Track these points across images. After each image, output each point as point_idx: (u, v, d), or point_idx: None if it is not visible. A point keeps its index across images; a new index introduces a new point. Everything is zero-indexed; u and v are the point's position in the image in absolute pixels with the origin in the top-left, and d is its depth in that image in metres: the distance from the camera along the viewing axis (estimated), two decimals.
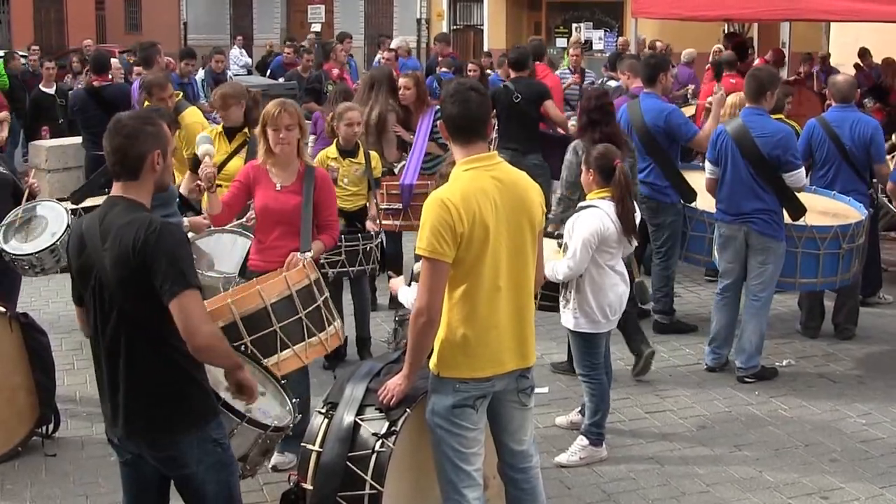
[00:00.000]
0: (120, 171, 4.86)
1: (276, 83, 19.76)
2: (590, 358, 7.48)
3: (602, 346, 7.53)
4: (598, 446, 7.57)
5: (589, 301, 7.29)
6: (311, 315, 6.69)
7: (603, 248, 7.24)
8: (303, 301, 6.65)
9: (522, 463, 5.61)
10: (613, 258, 7.34)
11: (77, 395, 8.82)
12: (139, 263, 4.63)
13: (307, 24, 34.68)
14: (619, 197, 7.24)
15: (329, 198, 7.50)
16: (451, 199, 5.11)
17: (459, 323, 5.23)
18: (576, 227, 7.24)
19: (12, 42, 40.71)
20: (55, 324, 10.35)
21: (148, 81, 10.53)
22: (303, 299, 6.66)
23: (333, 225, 7.52)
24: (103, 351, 4.88)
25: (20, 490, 7.19)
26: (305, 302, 6.66)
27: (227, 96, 9.14)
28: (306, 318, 6.63)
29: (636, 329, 8.87)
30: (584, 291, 7.30)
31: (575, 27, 31.33)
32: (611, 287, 7.33)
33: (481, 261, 5.17)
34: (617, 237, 7.25)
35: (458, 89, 5.39)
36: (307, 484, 5.43)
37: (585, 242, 7.16)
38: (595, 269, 7.27)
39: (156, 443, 4.90)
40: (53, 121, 17.55)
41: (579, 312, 7.33)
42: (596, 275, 7.28)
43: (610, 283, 7.32)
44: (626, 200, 7.25)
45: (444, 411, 5.26)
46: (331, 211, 7.50)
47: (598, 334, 7.41)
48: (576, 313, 7.35)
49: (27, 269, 8.52)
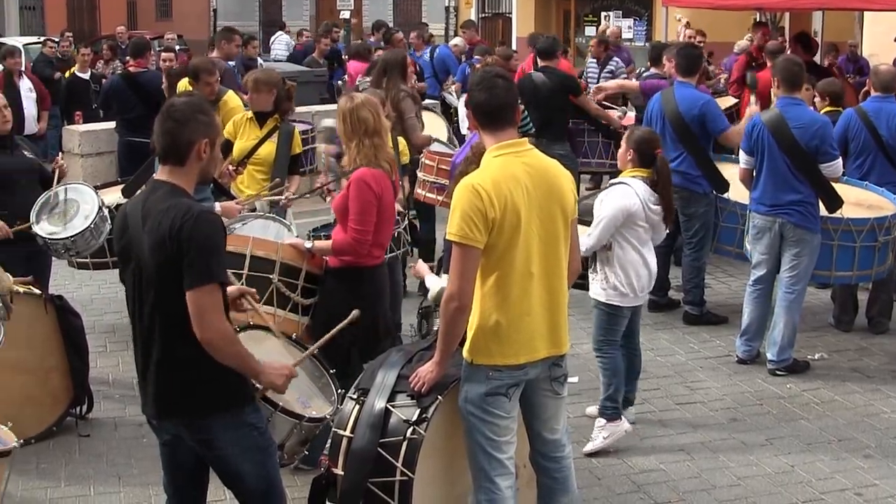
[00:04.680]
0: (167, 155, 4.90)
1: (307, 70, 19.76)
2: (607, 334, 7.54)
3: (622, 325, 7.56)
4: (616, 420, 7.58)
5: (617, 273, 7.37)
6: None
7: (631, 225, 7.33)
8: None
9: (555, 452, 5.61)
10: (642, 237, 7.39)
11: (110, 378, 8.88)
12: (174, 249, 4.67)
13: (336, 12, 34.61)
14: (661, 185, 7.38)
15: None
16: (482, 185, 5.12)
17: (492, 310, 5.23)
18: (604, 202, 7.35)
19: (46, 28, 40.91)
20: (88, 306, 10.40)
21: (195, 65, 10.54)
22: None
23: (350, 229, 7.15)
24: (140, 333, 4.93)
25: (55, 469, 7.27)
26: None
27: (258, 82, 9.13)
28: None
29: None
30: (612, 264, 7.39)
31: (604, 16, 31.13)
32: (639, 263, 7.40)
33: (513, 247, 5.17)
34: (644, 215, 7.33)
35: (484, 77, 5.42)
36: (338, 470, 5.43)
37: (610, 217, 7.26)
38: (624, 244, 7.36)
39: (191, 425, 4.95)
40: (87, 106, 17.63)
41: (607, 284, 7.41)
42: (624, 250, 7.37)
43: (638, 260, 7.39)
44: (667, 188, 7.38)
45: (477, 399, 5.26)
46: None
47: (622, 308, 7.46)
48: (604, 284, 7.43)
49: (61, 252, 8.55)
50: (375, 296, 6.99)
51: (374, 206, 6.85)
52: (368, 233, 6.84)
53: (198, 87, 10.06)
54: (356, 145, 6.92)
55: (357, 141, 6.91)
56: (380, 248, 7.07)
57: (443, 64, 18.87)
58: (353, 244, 6.85)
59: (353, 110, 6.91)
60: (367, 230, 6.83)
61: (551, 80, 12.37)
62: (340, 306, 6.72)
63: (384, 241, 7.16)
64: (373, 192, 6.83)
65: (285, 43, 28.04)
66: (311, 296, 7.15)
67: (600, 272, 7.44)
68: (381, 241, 7.05)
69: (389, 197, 7.04)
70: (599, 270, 7.45)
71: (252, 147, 9.02)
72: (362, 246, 6.86)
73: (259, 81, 9.16)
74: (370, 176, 6.84)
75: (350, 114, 6.91)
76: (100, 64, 21.70)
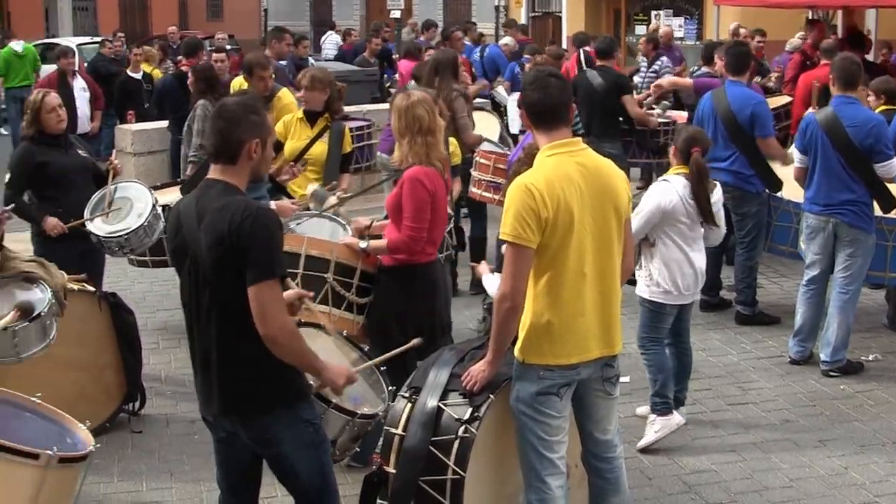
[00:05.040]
0: (218, 154, 4.94)
1: (358, 69, 19.82)
2: (651, 331, 7.57)
3: (665, 323, 7.57)
4: (667, 415, 7.57)
5: (661, 271, 7.39)
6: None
7: (671, 222, 7.36)
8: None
9: (606, 452, 5.60)
10: (685, 233, 7.41)
11: (162, 374, 8.96)
12: (233, 246, 4.70)
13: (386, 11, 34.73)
14: (694, 181, 7.38)
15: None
16: (535, 185, 5.11)
17: (544, 309, 5.22)
18: (645, 198, 7.41)
19: (98, 28, 41.30)
20: (141, 303, 10.48)
21: (249, 61, 10.60)
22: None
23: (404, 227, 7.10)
24: (196, 330, 4.97)
25: (108, 465, 7.32)
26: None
27: (314, 79, 9.15)
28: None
29: None
30: (655, 261, 7.41)
31: (654, 15, 30.98)
32: (683, 261, 7.40)
33: (566, 247, 5.16)
34: (685, 212, 7.36)
35: (537, 76, 5.42)
36: (390, 468, 5.44)
37: (645, 214, 7.31)
38: (667, 241, 7.40)
39: (247, 422, 4.97)
40: (139, 105, 17.78)
41: (650, 281, 7.43)
42: (668, 247, 7.40)
43: (682, 258, 7.40)
44: (700, 185, 7.38)
45: (529, 398, 5.26)
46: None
47: (665, 305, 7.47)
48: (647, 281, 7.45)
49: (115, 250, 8.63)
50: (429, 293, 7.00)
51: (427, 203, 6.85)
52: (423, 230, 6.85)
53: (252, 83, 10.11)
54: (409, 142, 6.92)
55: (410, 138, 6.91)
56: (433, 245, 7.07)
57: (493, 63, 18.89)
58: (408, 242, 6.85)
59: (409, 108, 6.91)
60: (421, 227, 6.83)
61: (606, 80, 12.33)
62: (395, 304, 6.74)
63: (437, 239, 7.16)
64: (426, 190, 6.84)
65: (335, 42, 28.12)
66: (365, 294, 7.16)
67: (644, 269, 7.47)
68: (434, 238, 7.06)
69: (442, 195, 7.05)
70: (644, 267, 7.47)
71: (303, 147, 9.04)
72: (416, 244, 6.87)
73: (315, 79, 9.18)
74: (423, 174, 6.85)
75: (405, 111, 6.92)
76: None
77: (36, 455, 4.60)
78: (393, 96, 7.67)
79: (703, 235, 7.52)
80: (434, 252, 7.12)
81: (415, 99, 6.99)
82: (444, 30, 20.03)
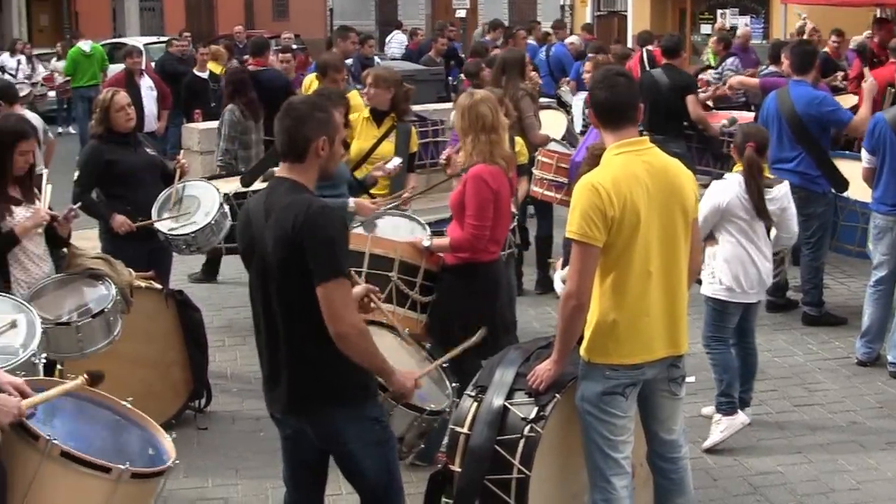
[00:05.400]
0: (286, 153, 4.98)
1: (424, 69, 19.84)
2: (715, 330, 7.56)
3: (730, 322, 7.55)
4: (732, 414, 7.53)
5: (723, 268, 7.38)
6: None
7: (730, 219, 7.38)
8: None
9: (671, 452, 5.59)
10: (746, 231, 7.39)
11: (228, 372, 9.04)
12: (297, 244, 4.73)
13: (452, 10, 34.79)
14: (746, 174, 7.40)
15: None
16: (602, 184, 5.11)
17: (610, 309, 5.22)
18: (704, 197, 7.37)
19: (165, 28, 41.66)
20: (206, 301, 10.52)
21: (324, 61, 10.65)
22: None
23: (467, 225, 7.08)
24: (264, 328, 5.01)
25: None
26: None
27: (378, 78, 9.15)
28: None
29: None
30: (718, 259, 7.41)
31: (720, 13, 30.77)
32: (746, 259, 7.39)
33: (632, 246, 5.15)
34: (743, 208, 7.35)
35: (605, 75, 5.42)
36: (455, 466, 5.45)
37: (703, 215, 7.24)
38: (729, 239, 7.40)
39: (314, 419, 5.00)
40: (206, 104, 17.90)
41: (713, 279, 7.43)
42: (730, 244, 7.39)
43: (744, 255, 7.39)
44: (752, 178, 7.36)
45: (594, 398, 5.25)
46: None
47: (729, 303, 7.46)
48: (711, 279, 7.45)
49: (182, 248, 8.70)
50: (492, 292, 7.01)
51: (490, 202, 6.87)
52: (486, 228, 6.86)
53: (325, 84, 10.16)
54: (472, 141, 6.94)
55: (473, 136, 6.93)
56: (496, 244, 7.08)
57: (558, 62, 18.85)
58: (471, 240, 6.87)
59: (473, 106, 6.93)
60: (484, 226, 6.85)
61: (672, 79, 12.28)
62: (457, 303, 6.75)
63: (500, 238, 7.17)
64: (490, 188, 6.85)
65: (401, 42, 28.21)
66: (429, 293, 7.18)
67: (708, 267, 7.46)
68: (497, 237, 7.07)
69: (506, 193, 7.05)
70: (708, 265, 7.45)
71: (370, 147, 9.05)
72: (479, 242, 6.88)
73: (379, 77, 9.17)
74: (487, 172, 6.86)
75: (469, 110, 6.94)
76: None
77: (108, 469, 4.64)
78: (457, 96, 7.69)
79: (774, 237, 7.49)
80: (497, 251, 7.12)
81: (478, 97, 7.01)
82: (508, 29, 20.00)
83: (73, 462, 4.58)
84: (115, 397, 5.33)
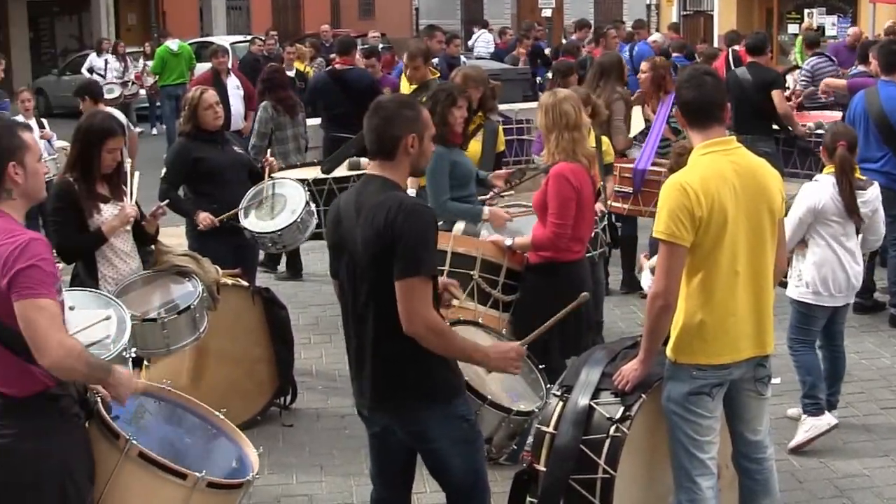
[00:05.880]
0: (376, 151, 5.02)
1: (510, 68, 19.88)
2: (800, 333, 7.52)
3: (815, 325, 7.50)
4: (817, 415, 7.46)
5: (811, 271, 7.32)
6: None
7: (823, 222, 7.31)
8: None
9: (757, 453, 5.54)
10: (837, 234, 7.33)
11: (313, 369, 9.10)
12: (389, 241, 4.76)
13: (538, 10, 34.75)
14: (839, 173, 7.34)
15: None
16: (689, 184, 5.10)
17: (697, 309, 5.20)
18: (797, 200, 7.34)
19: (251, 27, 42.01)
20: (292, 299, 10.60)
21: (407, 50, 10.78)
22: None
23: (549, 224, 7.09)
24: (353, 325, 5.04)
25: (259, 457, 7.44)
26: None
27: (468, 77, 9.17)
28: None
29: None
30: (806, 262, 7.35)
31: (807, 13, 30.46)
32: (835, 262, 7.32)
33: (719, 246, 5.13)
34: (836, 211, 7.29)
35: (693, 74, 5.41)
36: (540, 466, 5.45)
37: (798, 217, 7.25)
38: (819, 241, 7.35)
39: (402, 416, 5.03)
40: None
41: (800, 282, 7.38)
42: (820, 247, 7.33)
43: (833, 259, 7.32)
44: (844, 177, 7.30)
45: (680, 398, 5.23)
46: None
47: (815, 307, 7.41)
48: (797, 282, 7.40)
49: (268, 246, 8.79)
50: (575, 291, 6.98)
51: (573, 200, 6.87)
52: (567, 226, 6.86)
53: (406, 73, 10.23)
54: (555, 138, 6.95)
55: (557, 134, 6.94)
56: (579, 242, 7.07)
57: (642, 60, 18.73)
58: (553, 238, 6.87)
59: (556, 104, 6.95)
60: (566, 224, 6.85)
61: (756, 77, 12.17)
62: (540, 302, 6.74)
63: (583, 236, 7.16)
64: (572, 186, 6.85)
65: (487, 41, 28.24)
66: (511, 292, 7.19)
67: (795, 269, 7.41)
68: (580, 235, 7.06)
69: (588, 191, 7.05)
70: (794, 267, 7.41)
71: None
72: (561, 240, 6.88)
73: (468, 77, 9.20)
74: (569, 170, 6.87)
75: (552, 108, 6.95)
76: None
77: (184, 475, 4.70)
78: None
79: (861, 239, 7.42)
80: (581, 250, 7.11)
81: (561, 96, 7.03)
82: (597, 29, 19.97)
83: (151, 464, 4.65)
84: (205, 398, 5.40)
